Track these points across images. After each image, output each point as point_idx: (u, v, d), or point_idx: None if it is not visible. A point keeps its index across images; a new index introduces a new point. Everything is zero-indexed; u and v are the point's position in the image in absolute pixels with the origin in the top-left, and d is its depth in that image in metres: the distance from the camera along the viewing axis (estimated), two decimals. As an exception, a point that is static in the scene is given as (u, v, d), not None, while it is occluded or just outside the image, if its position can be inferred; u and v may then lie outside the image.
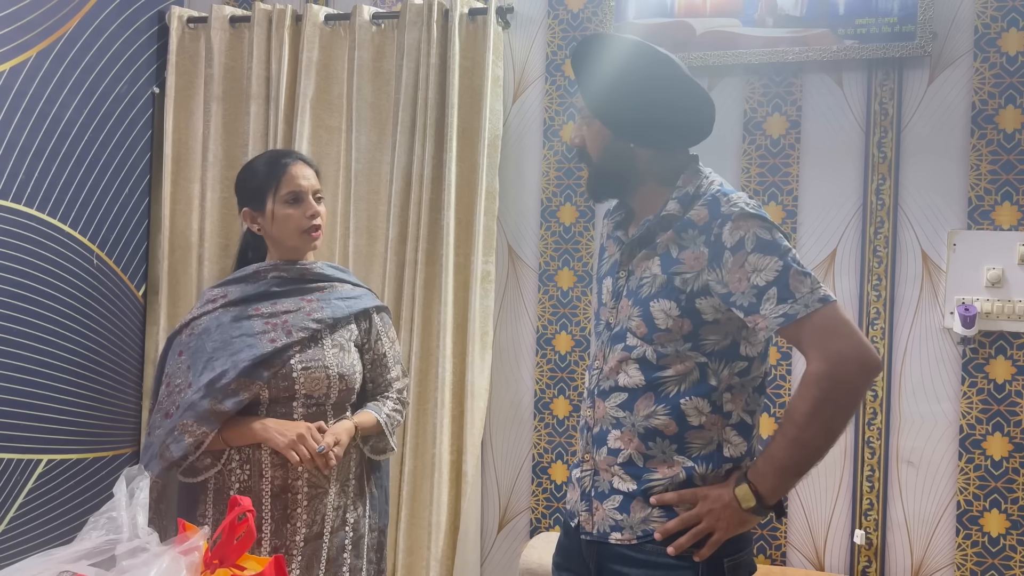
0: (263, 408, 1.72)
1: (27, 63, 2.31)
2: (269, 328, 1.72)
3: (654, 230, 1.40)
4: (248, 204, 1.80)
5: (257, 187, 1.78)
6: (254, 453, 1.71)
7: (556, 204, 2.57)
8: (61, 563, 1.21)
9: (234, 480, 1.72)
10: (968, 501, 2.25)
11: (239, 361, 1.68)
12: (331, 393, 1.76)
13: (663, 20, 2.43)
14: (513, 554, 2.57)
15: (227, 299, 1.76)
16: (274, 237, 1.79)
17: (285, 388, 1.71)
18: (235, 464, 1.72)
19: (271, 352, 1.69)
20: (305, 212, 1.77)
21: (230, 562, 1.27)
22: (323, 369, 1.74)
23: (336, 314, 1.78)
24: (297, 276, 1.79)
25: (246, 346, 1.69)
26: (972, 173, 2.26)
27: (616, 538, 1.39)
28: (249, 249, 1.85)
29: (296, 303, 1.76)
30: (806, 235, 2.37)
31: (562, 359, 2.55)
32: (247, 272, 1.79)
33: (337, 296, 1.81)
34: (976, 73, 2.26)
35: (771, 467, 1.31)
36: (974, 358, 2.25)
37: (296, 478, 1.72)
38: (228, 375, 1.67)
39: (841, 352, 1.26)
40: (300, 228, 1.77)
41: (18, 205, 2.31)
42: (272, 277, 1.78)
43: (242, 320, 1.73)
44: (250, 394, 1.69)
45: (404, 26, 2.54)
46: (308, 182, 1.79)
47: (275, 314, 1.74)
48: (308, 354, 1.73)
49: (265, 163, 1.82)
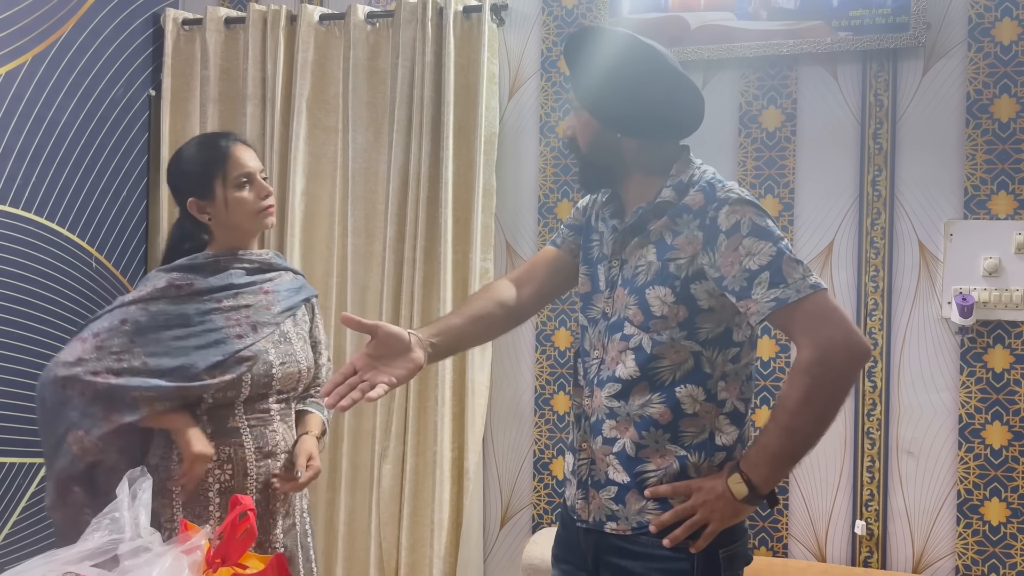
0: (239, 406, 1.69)
1: (23, 67, 2.32)
2: (234, 323, 1.69)
3: (647, 217, 1.41)
4: (194, 194, 1.72)
5: (201, 174, 1.71)
6: (236, 452, 1.68)
7: (553, 200, 2.57)
8: (64, 564, 1.21)
9: (212, 481, 1.67)
10: (968, 490, 2.26)
11: (209, 356, 1.64)
12: (299, 386, 1.79)
13: (657, 15, 2.44)
14: (516, 550, 2.57)
15: (193, 288, 1.68)
16: (228, 224, 1.72)
17: (264, 385, 1.70)
18: (213, 464, 1.67)
19: (239, 348, 1.67)
20: (259, 193, 1.72)
21: (232, 561, 1.28)
22: (296, 364, 1.75)
23: (291, 305, 1.78)
24: (256, 268, 1.76)
25: (213, 342, 1.66)
26: (968, 163, 2.26)
27: (611, 527, 1.40)
28: (186, 240, 1.75)
29: (255, 296, 1.73)
30: (803, 227, 2.38)
31: (561, 355, 2.56)
32: (205, 261, 1.72)
33: (287, 287, 1.80)
34: (971, 63, 2.26)
35: (763, 456, 1.32)
36: (972, 347, 2.25)
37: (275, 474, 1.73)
38: (197, 366, 1.63)
39: (831, 339, 1.27)
40: (255, 210, 1.72)
41: (16, 209, 2.31)
42: (236, 268, 1.73)
43: (208, 315, 1.67)
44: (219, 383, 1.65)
45: (399, 25, 2.55)
46: (254, 162, 1.74)
47: (237, 308, 1.70)
48: (282, 349, 1.73)
49: (202, 149, 1.75)
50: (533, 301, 1.59)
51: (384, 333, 1.37)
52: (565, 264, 1.59)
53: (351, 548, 2.58)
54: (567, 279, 1.59)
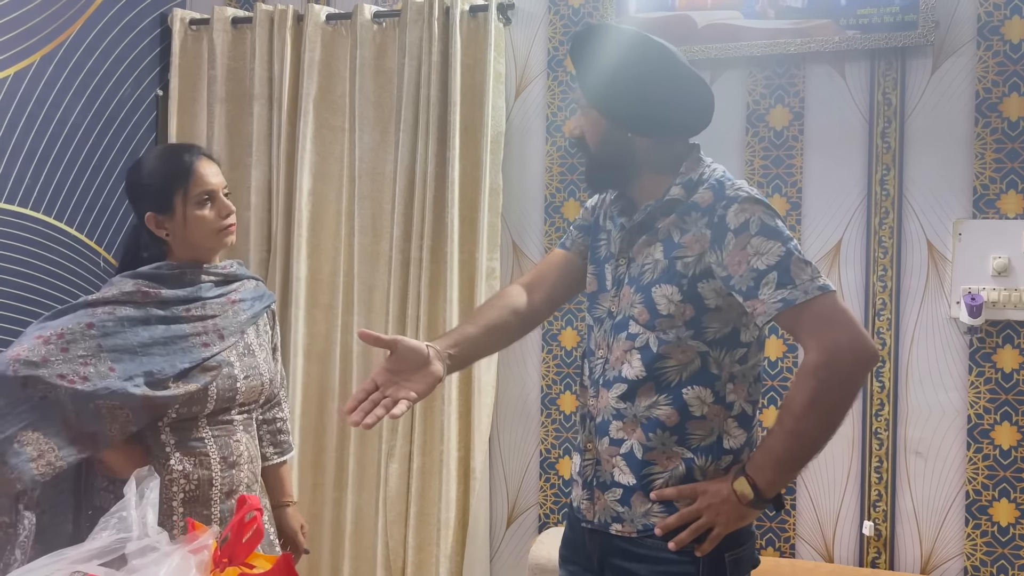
0: (203, 419, 1.66)
1: (31, 68, 2.33)
2: (201, 331, 1.66)
3: (655, 215, 1.40)
4: (152, 208, 1.66)
5: (161, 189, 1.65)
6: (201, 462, 1.65)
7: (560, 199, 2.57)
8: (72, 563, 1.22)
9: (177, 490, 1.63)
10: (977, 491, 2.24)
11: (176, 362, 1.61)
12: (260, 398, 1.77)
13: (664, 13, 2.43)
14: (522, 549, 2.57)
15: (160, 296, 1.64)
16: (186, 241, 1.68)
17: (228, 399, 1.68)
18: (178, 474, 1.63)
19: (207, 356, 1.65)
20: (220, 212, 1.68)
21: (239, 560, 1.28)
22: (259, 376, 1.73)
23: (255, 313, 1.76)
24: (222, 280, 1.73)
25: (180, 349, 1.63)
26: (977, 162, 2.25)
27: (616, 529, 1.40)
28: (144, 249, 1.70)
29: (222, 306, 1.71)
30: (810, 226, 2.37)
31: (568, 354, 2.55)
32: (170, 273, 1.67)
33: (251, 295, 1.77)
34: (980, 61, 2.25)
35: (769, 460, 1.31)
36: (981, 347, 2.24)
37: (239, 483, 1.70)
38: (164, 372, 1.60)
39: (838, 342, 1.25)
40: (215, 229, 1.68)
41: (24, 209, 2.32)
42: (203, 282, 1.70)
43: (175, 323, 1.64)
44: (184, 394, 1.62)
45: (405, 24, 2.55)
46: (218, 179, 1.69)
47: (203, 317, 1.67)
48: (246, 362, 1.70)
49: (165, 162, 1.69)
50: (545, 305, 1.59)
51: (403, 348, 1.37)
52: (575, 266, 1.58)
53: (358, 547, 2.58)
54: (578, 281, 1.58)
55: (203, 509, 1.65)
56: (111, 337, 1.59)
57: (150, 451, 1.63)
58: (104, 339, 1.58)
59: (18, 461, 1.51)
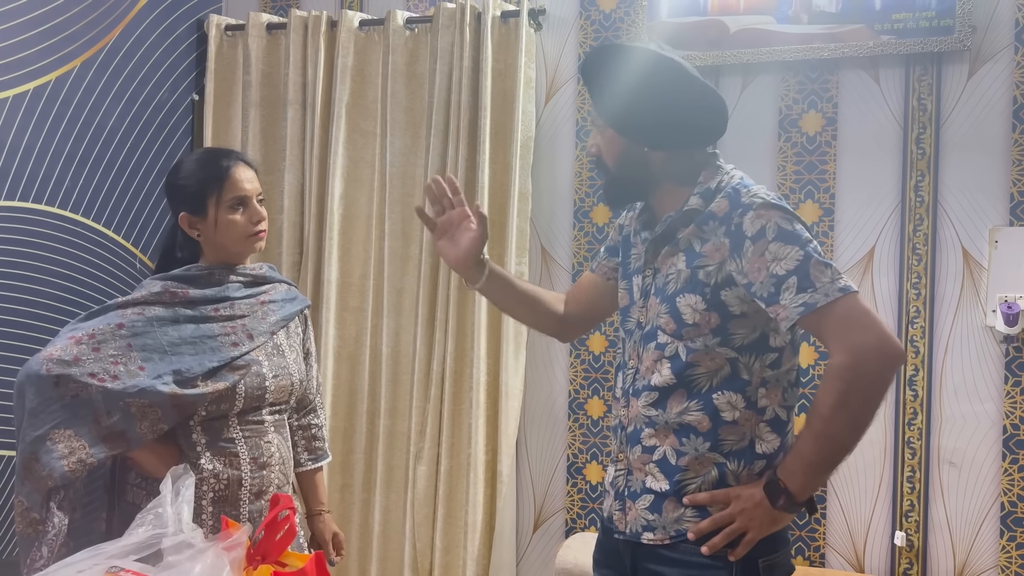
0: (234, 417, 1.68)
1: (72, 73, 2.38)
2: (230, 331, 1.68)
3: (675, 226, 1.41)
4: (186, 209, 1.70)
5: (196, 192, 1.68)
6: (232, 462, 1.66)
7: (589, 204, 2.57)
8: (109, 558, 1.24)
9: (207, 490, 1.64)
10: (1012, 503, 2.21)
11: (205, 361, 1.63)
12: (292, 399, 1.78)
13: (696, 18, 2.42)
14: (549, 554, 2.57)
15: (188, 296, 1.66)
16: (216, 243, 1.71)
17: (257, 398, 1.69)
18: (208, 474, 1.63)
19: (235, 356, 1.66)
20: (251, 218, 1.70)
21: (272, 558, 1.30)
22: (288, 376, 1.74)
23: (285, 316, 1.77)
24: (251, 281, 1.76)
25: (209, 349, 1.65)
26: (1014, 168, 2.22)
27: (648, 538, 1.40)
28: (179, 248, 1.74)
29: (251, 307, 1.73)
30: (843, 233, 2.35)
31: (596, 359, 2.55)
32: (199, 274, 1.70)
33: (282, 298, 1.79)
34: (1017, 67, 2.22)
35: (800, 464, 1.31)
36: (1017, 356, 2.21)
37: (269, 484, 1.71)
38: (193, 371, 1.62)
39: (864, 343, 1.25)
40: (245, 234, 1.70)
41: (63, 211, 2.37)
42: (231, 282, 1.72)
43: (204, 323, 1.67)
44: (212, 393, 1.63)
45: (437, 30, 2.57)
46: (252, 185, 1.72)
47: (232, 317, 1.69)
48: (275, 362, 1.72)
49: (203, 165, 1.72)
50: (579, 320, 1.72)
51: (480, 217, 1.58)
52: (599, 287, 1.66)
53: (385, 548, 2.60)
54: (607, 301, 1.65)
55: (231, 509, 1.66)
56: (141, 337, 1.62)
57: (182, 451, 1.65)
58: (134, 339, 1.61)
59: (50, 459, 1.53)
